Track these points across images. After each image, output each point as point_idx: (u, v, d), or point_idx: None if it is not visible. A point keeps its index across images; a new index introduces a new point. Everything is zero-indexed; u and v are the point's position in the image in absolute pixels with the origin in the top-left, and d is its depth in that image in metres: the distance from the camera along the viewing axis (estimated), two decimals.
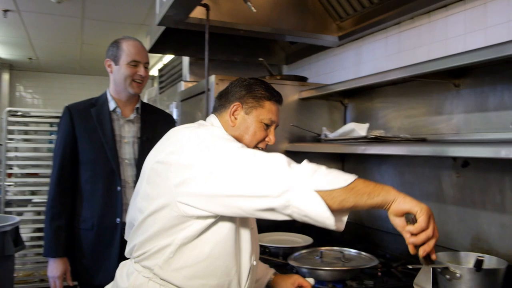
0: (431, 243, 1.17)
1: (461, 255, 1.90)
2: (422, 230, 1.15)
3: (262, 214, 1.23)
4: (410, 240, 1.18)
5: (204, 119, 2.56)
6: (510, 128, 1.48)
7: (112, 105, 2.24)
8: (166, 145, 1.41)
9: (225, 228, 1.37)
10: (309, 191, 1.15)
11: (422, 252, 1.18)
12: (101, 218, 2.13)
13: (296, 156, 1.59)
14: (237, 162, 1.25)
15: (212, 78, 2.58)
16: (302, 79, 2.91)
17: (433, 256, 1.20)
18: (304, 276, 1.87)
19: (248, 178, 1.22)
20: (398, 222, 1.20)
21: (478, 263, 1.64)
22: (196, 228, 1.34)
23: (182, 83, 3.40)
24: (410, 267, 1.87)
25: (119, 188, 2.15)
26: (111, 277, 1.57)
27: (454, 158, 2.09)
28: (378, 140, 2.07)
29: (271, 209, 1.20)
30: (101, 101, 2.27)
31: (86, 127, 2.19)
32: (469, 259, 1.84)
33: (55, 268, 2.14)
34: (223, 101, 1.57)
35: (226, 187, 1.24)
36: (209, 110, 2.54)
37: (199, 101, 2.74)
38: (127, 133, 2.25)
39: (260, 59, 2.87)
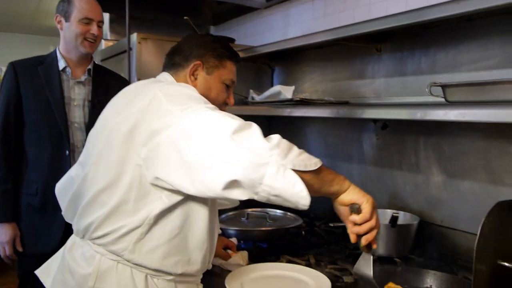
0: (374, 233, 1.19)
1: (378, 213, 2.00)
2: (366, 221, 1.17)
3: (224, 193, 1.06)
4: (353, 229, 1.19)
5: (128, 80, 2.47)
6: (426, 92, 1.55)
7: (61, 64, 2.07)
8: (130, 102, 1.23)
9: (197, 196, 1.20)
10: (286, 169, 1.05)
11: (364, 241, 1.19)
12: (46, 183, 1.98)
13: None
14: (211, 127, 1.08)
15: (134, 36, 2.45)
16: (230, 41, 2.85)
17: (374, 245, 1.23)
18: (230, 237, 1.89)
19: (222, 146, 1.05)
20: (342, 211, 1.21)
21: (393, 220, 1.74)
22: (166, 201, 1.19)
23: (103, 41, 3.20)
24: (331, 225, 1.95)
25: (67, 152, 2.01)
26: (55, 246, 1.46)
27: (375, 121, 2.18)
28: (304, 102, 2.10)
29: (237, 183, 1.04)
30: (50, 59, 2.08)
31: (33, 86, 2.00)
32: (386, 216, 1.95)
33: (3, 233, 1.99)
34: (178, 59, 1.42)
35: (196, 154, 1.08)
36: (131, 70, 2.42)
37: (121, 60, 2.60)
38: (77, 96, 2.08)
39: (186, 17, 2.75)
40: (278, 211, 2.22)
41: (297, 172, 1.06)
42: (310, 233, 2.17)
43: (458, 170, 1.83)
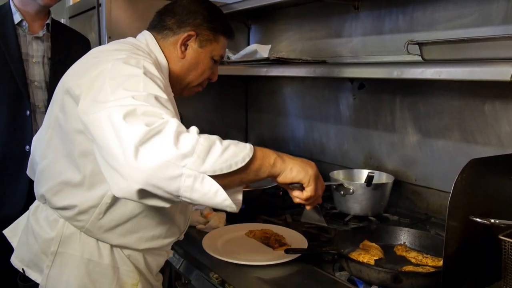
0: (319, 198, 1.17)
1: (354, 172, 2.03)
2: (310, 197, 1.13)
3: (142, 201, 0.95)
4: (297, 201, 1.15)
5: (98, 40, 2.37)
6: (403, 51, 1.54)
7: (17, 17, 1.92)
8: (89, 68, 1.12)
9: None
10: (204, 178, 0.92)
11: (310, 207, 1.18)
12: (5, 145, 1.88)
13: None
14: (115, 136, 0.92)
15: None
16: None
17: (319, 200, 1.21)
18: None
19: (124, 162, 0.90)
20: (285, 187, 1.15)
21: (369, 179, 1.76)
22: None
23: None
24: None
25: (28, 112, 1.91)
26: (19, 210, 1.41)
27: (351, 81, 2.16)
28: (280, 62, 2.06)
29: (150, 194, 0.93)
30: (3, 11, 1.93)
31: None
32: (362, 175, 1.98)
33: None
34: (170, 22, 1.30)
35: (103, 158, 0.96)
36: (101, 29, 2.32)
37: (90, 17, 2.48)
38: (35, 52, 1.96)
39: None
40: None
41: (221, 175, 0.94)
42: (287, 193, 2.16)
43: (432, 130, 1.84)
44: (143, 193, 0.92)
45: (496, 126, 1.63)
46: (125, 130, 0.91)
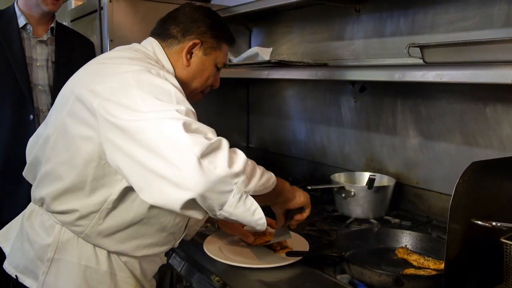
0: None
1: (355, 175, 2.03)
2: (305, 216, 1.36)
3: (181, 212, 0.99)
4: (294, 224, 1.37)
5: (100, 44, 2.38)
6: (405, 53, 1.54)
7: (21, 21, 1.94)
8: (102, 76, 1.13)
9: None
10: (248, 197, 1.02)
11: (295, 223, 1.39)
12: (9, 149, 1.90)
13: None
14: (177, 146, 0.96)
15: None
16: (206, 0, 2.75)
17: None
18: None
19: (187, 169, 0.94)
20: (280, 212, 1.36)
21: (370, 182, 1.76)
22: (125, 184, 1.11)
23: (72, 0, 3.07)
24: (309, 188, 1.96)
25: (31, 117, 1.91)
26: (20, 213, 1.39)
27: (353, 83, 2.16)
28: (281, 64, 2.06)
29: (196, 205, 0.98)
30: (8, 15, 1.94)
31: None
32: (363, 178, 1.97)
33: None
34: (175, 30, 1.31)
35: (157, 166, 0.98)
36: (103, 32, 2.32)
37: (92, 21, 2.49)
38: (39, 56, 1.97)
39: None
40: None
41: (255, 196, 1.06)
42: None
43: (434, 132, 1.84)
44: (190, 204, 0.96)
45: (497, 129, 1.63)
46: (187, 141, 0.95)
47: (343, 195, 1.80)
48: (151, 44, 1.32)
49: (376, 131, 2.09)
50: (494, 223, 1.05)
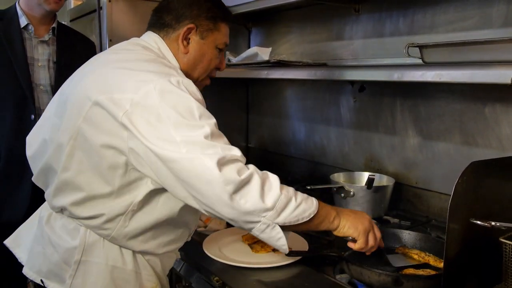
0: (375, 247, 1.32)
1: (355, 175, 2.03)
2: (363, 249, 1.29)
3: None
4: (356, 249, 1.31)
5: (99, 43, 2.37)
6: (404, 53, 1.54)
7: (23, 21, 1.93)
8: (121, 83, 1.11)
9: None
10: (274, 227, 1.10)
11: (368, 253, 1.32)
12: (10, 150, 1.89)
13: None
14: (211, 183, 1.02)
15: None
16: None
17: (382, 245, 1.36)
18: None
19: (219, 201, 1.03)
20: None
21: (370, 182, 1.76)
22: (151, 186, 1.13)
23: (71, 0, 3.07)
24: (309, 188, 1.96)
25: (33, 117, 1.91)
26: (22, 215, 1.39)
27: (352, 83, 2.16)
28: (281, 64, 2.06)
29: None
30: (9, 15, 1.94)
31: None
32: (362, 178, 1.97)
33: None
34: (168, 18, 1.28)
35: (188, 190, 1.06)
36: (102, 32, 2.32)
37: (91, 21, 2.49)
38: (41, 56, 1.97)
39: None
40: None
41: (289, 225, 1.11)
42: None
43: (433, 132, 1.84)
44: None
45: (496, 129, 1.63)
46: (220, 180, 1.01)
47: (343, 195, 1.80)
48: (154, 40, 1.29)
49: (376, 131, 2.09)
50: (493, 223, 1.05)
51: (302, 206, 1.12)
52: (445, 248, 1.07)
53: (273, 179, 1.11)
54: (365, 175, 1.91)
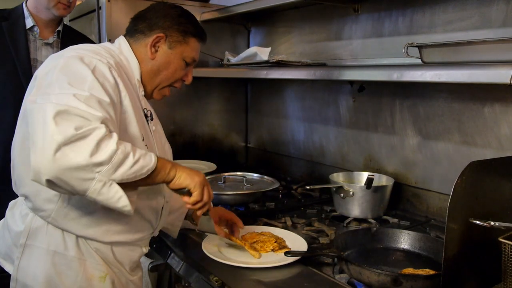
0: (207, 205, 1.28)
1: (354, 175, 2.03)
2: (197, 202, 1.24)
3: (48, 186, 1.04)
4: (187, 207, 1.27)
5: (98, 43, 2.37)
6: (403, 53, 1.54)
7: (29, 22, 1.94)
8: (49, 64, 1.22)
9: None
10: (112, 184, 1.05)
11: (200, 213, 1.29)
12: (9, 148, 1.89)
13: (200, 82, 1.53)
14: (45, 130, 1.00)
15: None
16: (204, 0, 2.75)
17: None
18: None
19: (46, 154, 0.99)
20: (178, 193, 1.25)
21: (369, 181, 1.76)
22: None
23: None
24: (308, 188, 1.96)
25: None
26: None
27: (351, 83, 2.16)
28: (280, 64, 2.06)
29: (57, 186, 1.04)
30: (16, 15, 1.94)
31: None
32: (362, 178, 1.97)
33: None
34: (142, 26, 1.36)
35: (30, 142, 1.05)
36: (101, 32, 2.32)
37: (90, 20, 2.49)
38: (44, 58, 1.96)
39: None
40: (255, 174, 2.22)
41: (126, 181, 1.07)
42: (287, 196, 2.18)
43: (432, 132, 1.84)
44: (51, 183, 1.02)
45: (495, 129, 1.63)
46: (52, 128, 0.99)
47: (342, 195, 1.80)
48: (118, 41, 1.39)
49: (375, 131, 2.09)
50: (492, 223, 1.05)
51: (140, 162, 1.08)
52: (444, 248, 1.07)
53: (114, 135, 1.06)
54: (364, 175, 1.91)
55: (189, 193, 1.23)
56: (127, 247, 1.34)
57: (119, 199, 1.06)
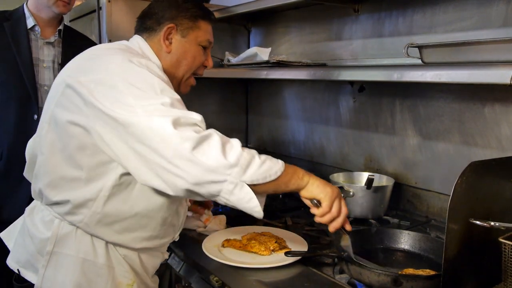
0: (339, 220, 1.25)
1: (354, 175, 2.03)
2: (325, 214, 1.22)
3: (186, 195, 1.09)
4: (316, 219, 1.25)
5: (99, 43, 2.37)
6: (403, 53, 1.54)
7: (30, 22, 1.95)
8: (91, 67, 1.19)
9: None
10: (243, 186, 1.07)
11: (331, 229, 1.26)
12: (12, 148, 1.89)
13: (200, 82, 1.53)
14: (169, 141, 1.03)
15: None
16: (204, 0, 2.76)
17: (347, 227, 1.30)
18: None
19: (181, 160, 1.03)
20: (308, 203, 1.25)
21: (369, 182, 1.76)
22: (120, 170, 1.14)
23: None
24: None
25: (36, 116, 1.92)
26: (21, 213, 1.41)
27: (351, 84, 2.16)
28: (280, 64, 2.06)
29: (195, 192, 1.07)
30: (17, 16, 1.96)
31: None
32: (362, 178, 1.97)
33: None
34: (150, 22, 1.35)
35: (148, 155, 1.06)
36: (102, 32, 2.32)
37: (90, 21, 2.49)
38: (46, 57, 1.98)
39: None
40: None
41: (257, 184, 1.09)
42: (287, 196, 2.18)
43: (432, 132, 1.84)
44: (187, 191, 1.06)
45: (496, 129, 1.63)
46: (177, 138, 1.03)
47: (342, 195, 1.79)
48: (136, 40, 1.36)
49: (375, 131, 2.09)
50: (492, 223, 1.05)
51: (267, 163, 1.11)
52: (445, 248, 1.07)
53: (234, 140, 1.11)
54: (365, 175, 1.91)
55: (317, 205, 1.22)
56: (151, 253, 1.33)
57: (250, 200, 1.09)
